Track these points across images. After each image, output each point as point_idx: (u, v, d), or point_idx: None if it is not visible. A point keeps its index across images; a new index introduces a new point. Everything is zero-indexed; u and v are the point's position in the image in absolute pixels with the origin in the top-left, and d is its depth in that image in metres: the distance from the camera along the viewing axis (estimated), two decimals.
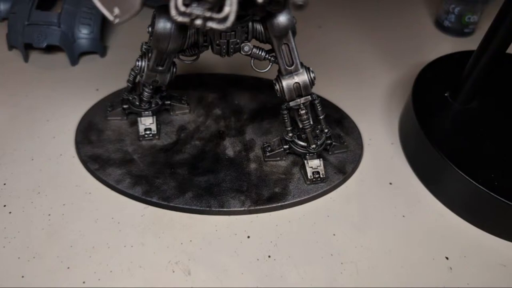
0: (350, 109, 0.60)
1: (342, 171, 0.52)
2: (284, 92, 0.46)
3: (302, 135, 0.50)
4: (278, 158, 0.52)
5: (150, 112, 0.53)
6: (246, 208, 0.48)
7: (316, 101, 0.48)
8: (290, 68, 0.45)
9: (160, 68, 0.47)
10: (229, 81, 0.62)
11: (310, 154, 0.50)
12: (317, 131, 0.51)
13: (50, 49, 0.64)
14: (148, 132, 0.53)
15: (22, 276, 0.43)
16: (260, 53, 0.46)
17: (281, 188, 0.50)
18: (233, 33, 0.43)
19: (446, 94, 0.56)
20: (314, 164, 0.50)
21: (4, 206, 0.48)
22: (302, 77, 0.45)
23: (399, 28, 0.76)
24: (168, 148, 0.53)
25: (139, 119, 0.53)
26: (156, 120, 0.54)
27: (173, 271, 0.44)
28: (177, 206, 0.48)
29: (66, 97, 0.60)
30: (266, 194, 0.49)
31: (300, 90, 0.46)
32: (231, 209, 0.48)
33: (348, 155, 0.54)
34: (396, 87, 0.65)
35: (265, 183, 0.50)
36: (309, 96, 0.46)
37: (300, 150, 0.51)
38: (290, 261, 0.45)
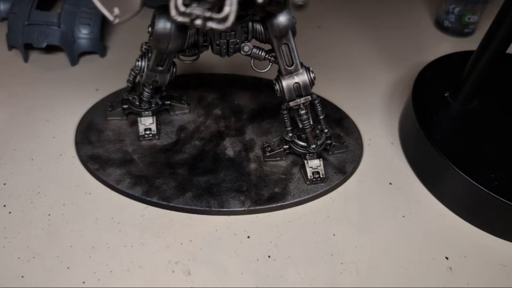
0: (350, 109, 0.60)
1: (342, 171, 0.52)
2: (284, 92, 0.46)
3: (302, 135, 0.50)
4: (278, 158, 0.52)
5: (150, 112, 0.53)
6: (246, 208, 0.48)
7: (316, 101, 0.48)
8: (290, 68, 0.45)
9: (160, 68, 0.47)
10: (229, 81, 0.62)
11: (310, 154, 0.50)
12: (317, 131, 0.51)
13: (50, 49, 0.64)
14: (148, 132, 0.53)
15: (22, 276, 0.43)
16: (260, 53, 0.46)
17: (281, 188, 0.50)
18: (233, 33, 0.43)
19: (446, 94, 0.56)
20: (314, 164, 0.50)
21: (4, 206, 0.48)
22: (302, 77, 0.45)
23: (399, 28, 0.76)
24: (168, 148, 0.53)
25: (139, 119, 0.53)
26: (156, 120, 0.54)
27: (173, 271, 0.44)
28: (177, 206, 0.48)
29: (66, 97, 0.60)
30: (266, 194, 0.49)
31: (300, 90, 0.46)
32: (231, 209, 0.48)
33: (348, 155, 0.54)
34: (396, 87, 0.65)
35: (265, 183, 0.50)
36: (309, 96, 0.46)
37: (300, 150, 0.51)
38: (290, 261, 0.45)
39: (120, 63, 0.64)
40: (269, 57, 0.46)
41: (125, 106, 0.54)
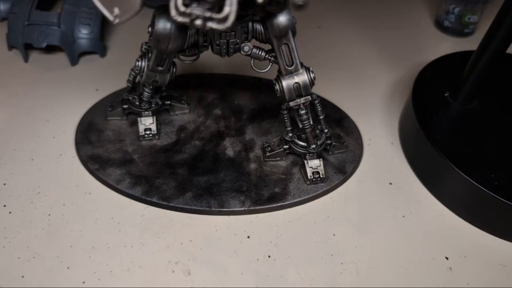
0: (350, 109, 0.60)
1: (342, 171, 0.52)
2: (284, 92, 0.46)
3: (302, 135, 0.50)
4: (278, 158, 0.52)
5: (150, 112, 0.53)
6: (246, 208, 0.48)
7: (316, 101, 0.48)
8: (290, 68, 0.45)
9: (160, 68, 0.47)
10: (229, 81, 0.62)
11: (310, 154, 0.50)
12: (317, 131, 0.51)
13: (50, 49, 0.64)
14: (148, 132, 0.53)
15: (22, 276, 0.43)
16: (260, 53, 0.46)
17: (281, 188, 0.50)
18: (233, 33, 0.43)
19: (446, 94, 0.56)
20: (314, 164, 0.50)
21: (4, 206, 0.48)
22: (302, 77, 0.45)
23: (399, 28, 0.76)
24: (168, 148, 0.53)
25: (139, 119, 0.53)
26: (156, 120, 0.54)
27: (173, 271, 0.44)
28: (177, 206, 0.48)
29: (66, 97, 0.60)
30: (266, 194, 0.49)
31: (300, 90, 0.46)
32: (231, 209, 0.48)
33: (348, 155, 0.54)
34: (396, 87, 0.65)
35: (265, 183, 0.50)
36: (309, 96, 0.46)
37: (300, 150, 0.51)
38: (290, 261, 0.45)
39: (120, 63, 0.64)
40: (269, 57, 0.46)
41: (125, 106, 0.54)
